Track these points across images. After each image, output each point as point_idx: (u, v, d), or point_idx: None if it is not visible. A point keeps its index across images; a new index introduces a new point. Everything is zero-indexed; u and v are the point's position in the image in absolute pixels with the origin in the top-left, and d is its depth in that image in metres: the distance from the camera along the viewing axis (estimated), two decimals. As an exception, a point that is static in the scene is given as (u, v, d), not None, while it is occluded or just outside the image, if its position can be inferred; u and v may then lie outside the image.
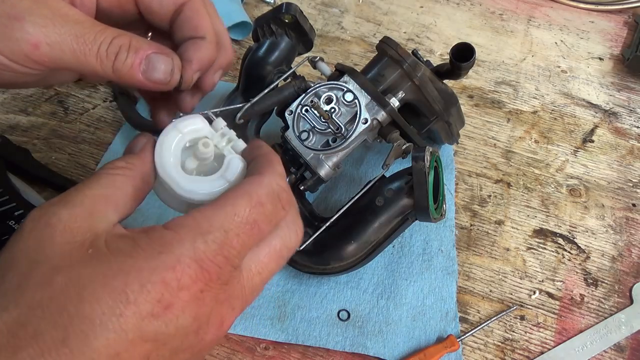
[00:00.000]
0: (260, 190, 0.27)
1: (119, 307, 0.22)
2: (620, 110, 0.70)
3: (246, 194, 0.26)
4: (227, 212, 0.26)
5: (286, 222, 0.29)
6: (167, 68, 0.30)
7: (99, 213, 0.25)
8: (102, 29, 0.29)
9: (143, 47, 0.30)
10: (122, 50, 0.29)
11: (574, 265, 0.55)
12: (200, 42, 0.32)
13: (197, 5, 0.32)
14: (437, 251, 0.55)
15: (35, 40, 0.27)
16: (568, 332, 0.51)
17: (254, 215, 0.26)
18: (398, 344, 0.49)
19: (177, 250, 0.24)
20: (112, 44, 0.29)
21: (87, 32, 0.28)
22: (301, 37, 0.54)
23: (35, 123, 0.64)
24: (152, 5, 0.32)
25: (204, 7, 0.33)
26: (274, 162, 0.29)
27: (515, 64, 0.75)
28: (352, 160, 0.62)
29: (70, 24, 0.28)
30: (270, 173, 0.28)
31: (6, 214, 0.49)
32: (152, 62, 0.30)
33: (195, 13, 0.32)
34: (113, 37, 0.29)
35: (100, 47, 0.28)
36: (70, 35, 0.28)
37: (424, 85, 0.49)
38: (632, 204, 0.60)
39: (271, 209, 0.27)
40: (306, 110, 0.48)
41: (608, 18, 0.83)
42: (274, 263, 0.29)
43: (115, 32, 0.29)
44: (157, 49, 0.30)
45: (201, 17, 0.32)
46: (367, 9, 0.82)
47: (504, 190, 0.61)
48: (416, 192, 0.44)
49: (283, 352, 0.48)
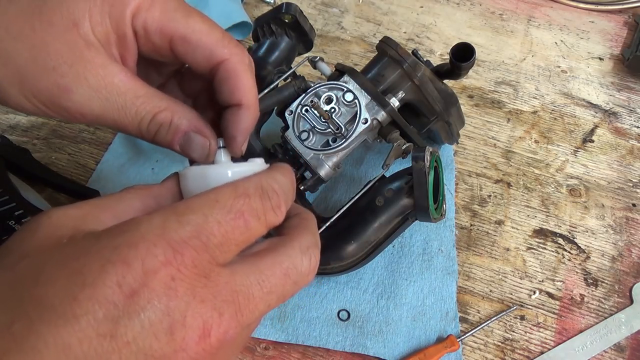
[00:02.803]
0: (246, 184, 0.25)
1: (73, 290, 0.19)
2: (620, 110, 0.70)
3: (231, 185, 0.25)
4: (209, 197, 0.24)
5: (299, 244, 0.27)
6: (203, 152, 0.30)
7: (94, 216, 0.24)
8: (143, 101, 0.29)
9: (183, 125, 0.30)
10: (162, 129, 0.30)
11: (574, 265, 0.55)
12: (238, 113, 0.31)
13: (234, 66, 0.30)
14: (437, 251, 0.55)
15: (82, 111, 0.28)
16: (568, 332, 0.51)
17: (238, 205, 0.24)
18: (398, 344, 0.49)
19: (143, 228, 0.21)
20: (153, 121, 0.29)
21: (130, 105, 0.29)
22: (301, 37, 0.54)
23: (35, 123, 0.64)
24: (186, 60, 0.31)
25: (242, 65, 0.31)
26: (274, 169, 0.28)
27: (515, 64, 0.75)
28: (352, 160, 0.62)
29: (114, 97, 0.28)
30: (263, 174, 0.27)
31: (6, 214, 0.49)
32: (190, 140, 0.30)
33: (233, 74, 0.30)
34: (154, 114, 0.29)
35: (140, 123, 0.29)
36: (113, 109, 0.28)
37: (424, 85, 0.49)
38: (632, 204, 0.60)
39: (259, 204, 0.25)
40: (306, 110, 0.48)
41: (608, 18, 0.83)
42: (277, 279, 0.25)
43: (157, 104, 0.29)
44: (196, 128, 0.30)
45: (239, 80, 0.30)
46: (367, 9, 0.82)
47: (504, 190, 0.61)
48: (416, 192, 0.44)
49: (283, 352, 0.48)
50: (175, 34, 0.29)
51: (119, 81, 0.28)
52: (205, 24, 0.30)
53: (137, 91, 0.29)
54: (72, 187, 0.57)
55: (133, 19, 0.29)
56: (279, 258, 0.25)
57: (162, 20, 0.29)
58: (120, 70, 0.29)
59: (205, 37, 0.30)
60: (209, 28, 0.30)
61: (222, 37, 0.30)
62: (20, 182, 0.54)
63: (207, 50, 0.30)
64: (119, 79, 0.28)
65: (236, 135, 0.31)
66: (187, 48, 0.30)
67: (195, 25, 0.30)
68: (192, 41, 0.29)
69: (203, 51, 0.30)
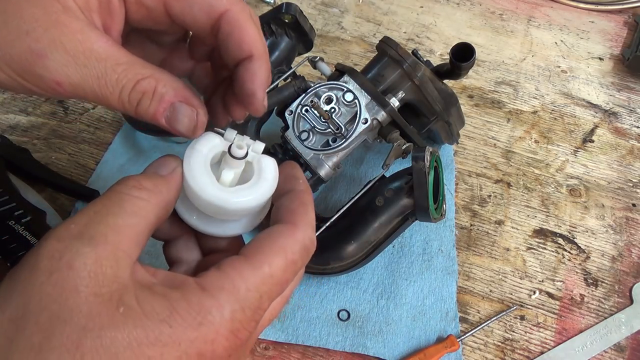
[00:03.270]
0: (295, 247, 0.26)
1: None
2: (620, 110, 0.70)
3: (282, 252, 0.26)
4: (264, 273, 0.25)
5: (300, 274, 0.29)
6: (190, 123, 0.28)
7: (124, 253, 0.23)
8: (125, 68, 0.26)
9: (168, 94, 0.27)
10: (145, 98, 0.27)
11: (574, 265, 0.55)
12: (251, 66, 0.29)
13: (236, 16, 0.28)
14: (437, 251, 0.55)
15: (58, 79, 0.26)
16: (568, 332, 0.51)
17: (287, 275, 0.26)
18: (398, 344, 0.49)
19: (217, 321, 0.23)
20: (134, 89, 0.27)
21: (110, 72, 0.26)
22: (301, 37, 0.54)
23: (35, 123, 0.64)
24: (185, 19, 0.29)
25: (243, 14, 0.28)
26: (308, 208, 0.28)
27: (515, 64, 0.75)
28: (352, 160, 0.61)
29: (93, 63, 0.26)
30: (304, 224, 0.27)
31: (6, 214, 0.49)
32: (176, 111, 0.28)
33: (236, 25, 0.28)
34: (136, 81, 0.27)
35: (121, 92, 0.27)
36: (92, 76, 0.26)
37: (424, 85, 0.49)
38: (632, 204, 0.60)
39: (300, 265, 0.27)
40: (306, 110, 0.48)
41: (608, 18, 0.83)
42: (280, 307, 0.29)
43: (140, 72, 0.27)
44: (183, 97, 0.28)
45: (243, 30, 0.28)
46: (367, 9, 0.82)
47: (504, 190, 0.61)
48: (416, 192, 0.44)
49: (283, 352, 0.48)
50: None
51: (99, 47, 0.26)
52: None
53: (119, 58, 0.26)
54: (72, 187, 0.57)
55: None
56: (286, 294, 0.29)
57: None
58: (100, 36, 0.26)
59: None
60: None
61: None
62: (20, 182, 0.54)
63: (205, 3, 0.28)
64: (99, 45, 0.26)
65: (255, 90, 0.29)
66: (184, 5, 0.28)
67: None
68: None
69: (201, 6, 0.28)
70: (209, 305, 0.23)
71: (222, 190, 0.28)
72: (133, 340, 0.21)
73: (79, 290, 0.21)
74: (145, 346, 0.21)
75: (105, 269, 0.22)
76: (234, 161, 0.29)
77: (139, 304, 0.22)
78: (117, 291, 0.22)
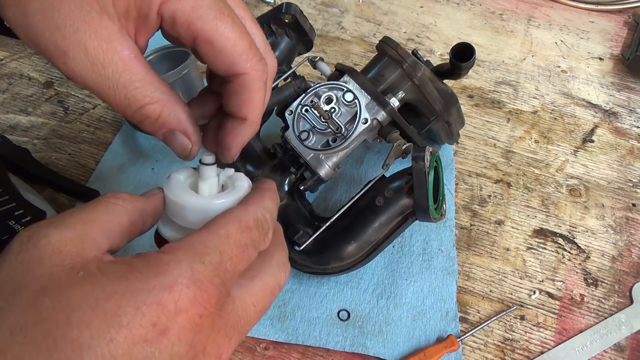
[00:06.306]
0: (247, 216, 0.27)
1: (109, 332, 0.21)
2: (620, 110, 0.70)
3: (236, 218, 0.27)
4: (221, 234, 0.26)
5: (277, 261, 0.30)
6: (182, 153, 0.31)
7: (90, 238, 0.24)
8: (137, 87, 0.28)
9: (170, 123, 0.30)
10: (147, 120, 0.29)
11: (574, 265, 0.55)
12: (240, 127, 0.31)
13: (249, 82, 0.30)
14: (437, 251, 0.55)
15: (73, 77, 0.28)
16: (568, 332, 0.51)
17: (244, 239, 0.26)
18: (398, 344, 0.49)
19: (175, 271, 0.23)
20: (139, 111, 0.29)
21: (121, 88, 0.28)
22: (301, 37, 0.54)
23: (35, 123, 0.64)
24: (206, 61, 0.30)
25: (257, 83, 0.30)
26: (265, 196, 0.30)
27: (515, 64, 0.75)
28: (352, 160, 0.62)
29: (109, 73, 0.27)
30: (257, 204, 0.29)
31: (6, 214, 0.49)
32: (174, 137, 0.30)
33: (246, 90, 0.30)
34: (143, 105, 0.28)
35: (126, 109, 0.29)
36: (104, 85, 0.28)
37: (424, 85, 0.49)
38: (632, 204, 0.60)
39: (257, 235, 0.28)
40: (306, 110, 0.48)
41: (608, 18, 0.83)
42: (267, 298, 0.29)
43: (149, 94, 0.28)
44: (183, 129, 0.30)
45: (249, 97, 0.30)
46: (367, 9, 0.82)
47: (504, 190, 0.61)
48: (416, 192, 0.44)
49: (283, 352, 0.48)
50: (201, 35, 0.28)
51: (119, 59, 0.27)
52: (234, 32, 0.29)
53: (134, 75, 0.28)
54: (72, 187, 0.57)
55: (161, 6, 0.28)
56: (266, 279, 0.29)
57: (192, 16, 0.28)
58: (125, 47, 0.28)
59: (230, 46, 0.29)
60: (236, 37, 0.29)
61: (247, 49, 0.29)
62: (20, 182, 0.54)
63: (229, 60, 0.29)
64: (120, 56, 0.27)
65: (232, 148, 0.32)
66: (210, 52, 0.29)
67: (224, 31, 0.28)
68: (216, 47, 0.28)
69: (225, 59, 0.29)
70: (167, 259, 0.23)
71: (203, 197, 0.30)
72: (90, 296, 0.21)
73: (42, 263, 0.22)
74: (102, 300, 0.21)
75: (70, 247, 0.23)
76: (207, 169, 0.31)
77: (99, 269, 0.23)
78: (79, 263, 0.23)
